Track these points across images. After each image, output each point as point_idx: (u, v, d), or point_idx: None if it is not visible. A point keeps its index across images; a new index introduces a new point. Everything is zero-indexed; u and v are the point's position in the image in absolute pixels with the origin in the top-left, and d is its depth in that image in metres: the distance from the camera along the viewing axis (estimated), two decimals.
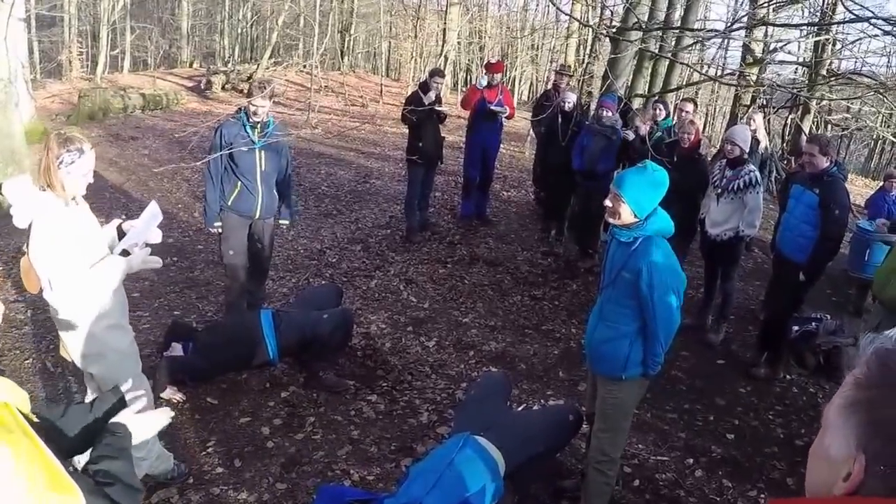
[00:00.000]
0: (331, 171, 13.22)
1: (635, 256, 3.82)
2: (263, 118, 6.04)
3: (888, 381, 1.09)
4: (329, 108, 21.78)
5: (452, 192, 12.13)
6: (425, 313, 7.35)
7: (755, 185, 6.76)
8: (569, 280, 8.59)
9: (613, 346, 4.03)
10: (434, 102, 9.11)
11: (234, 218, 6.20)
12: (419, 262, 8.71)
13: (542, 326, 7.33)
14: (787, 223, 6.42)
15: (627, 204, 3.77)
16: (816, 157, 6.00)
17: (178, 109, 19.55)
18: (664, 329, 3.87)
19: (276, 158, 6.29)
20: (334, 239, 9.33)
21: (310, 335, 5.65)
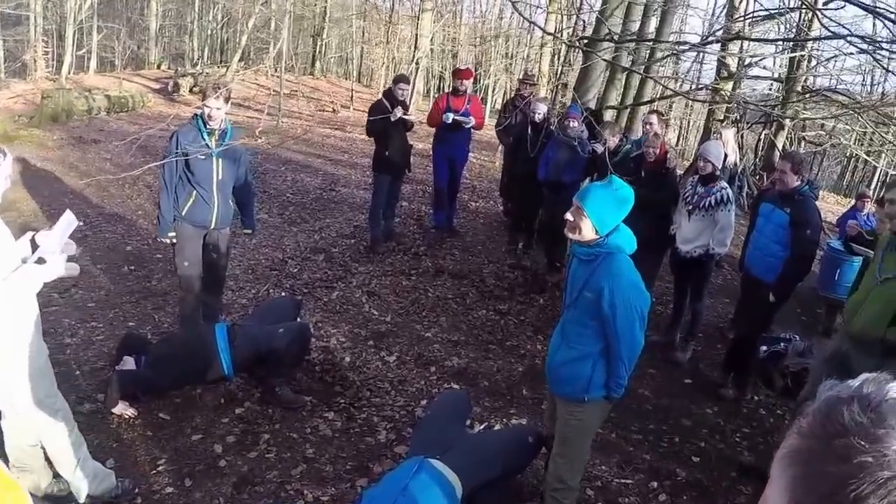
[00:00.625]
0: (297, 177, 13.09)
1: (597, 275, 3.73)
2: (220, 124, 5.88)
3: (830, 434, 1.02)
4: (299, 113, 21.70)
5: (420, 201, 12.04)
6: (387, 327, 7.21)
7: (727, 202, 6.71)
8: (536, 294, 8.48)
9: (575, 368, 3.91)
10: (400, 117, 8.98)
11: (189, 228, 6.02)
12: (382, 274, 8.57)
13: (507, 342, 7.21)
14: (757, 242, 6.36)
15: (590, 219, 3.66)
16: (788, 174, 5.92)
17: (144, 112, 19.33)
18: (627, 350, 3.77)
19: (233, 167, 6.11)
20: (297, 248, 9.17)
21: (265, 350, 5.52)
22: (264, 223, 9.78)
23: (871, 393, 1.05)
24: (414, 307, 7.79)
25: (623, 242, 3.77)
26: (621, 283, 3.67)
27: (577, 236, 3.75)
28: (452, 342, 7.05)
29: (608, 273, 3.69)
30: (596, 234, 3.71)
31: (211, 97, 5.78)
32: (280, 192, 11.90)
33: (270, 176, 12.71)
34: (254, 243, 8.95)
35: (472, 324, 7.57)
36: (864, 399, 1.04)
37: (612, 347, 3.79)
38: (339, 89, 28.08)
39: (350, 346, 6.70)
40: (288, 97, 22.61)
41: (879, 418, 1.00)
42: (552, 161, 8.63)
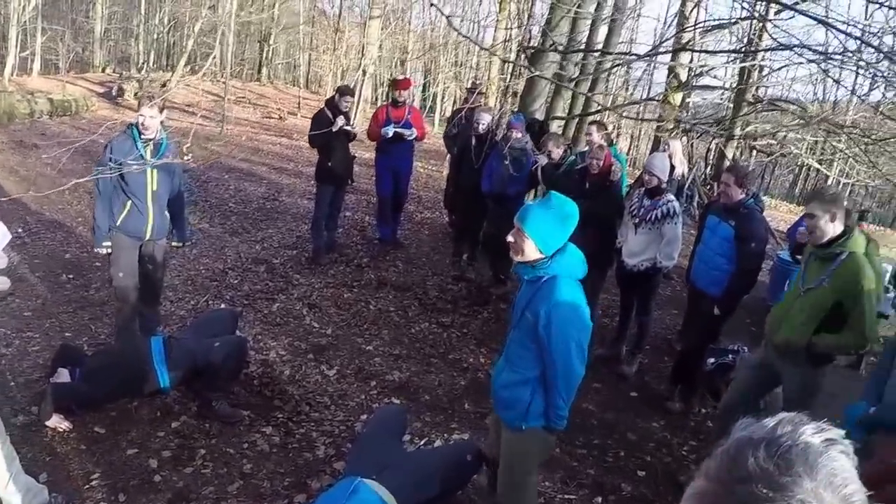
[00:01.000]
0: (240, 186, 12.97)
1: (538, 297, 3.60)
2: (155, 134, 5.82)
3: (734, 479, 1.01)
4: (245, 120, 21.55)
5: (364, 211, 11.98)
6: (328, 340, 7.15)
7: (674, 215, 6.71)
8: (479, 307, 8.45)
9: (515, 393, 3.81)
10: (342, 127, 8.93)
11: (124, 239, 5.95)
12: (324, 286, 8.49)
13: (449, 355, 7.18)
14: (702, 255, 6.39)
15: (531, 239, 3.55)
16: (732, 188, 5.94)
17: (88, 116, 19.08)
18: (563, 380, 3.64)
19: (168, 178, 6.05)
20: (238, 259, 9.06)
21: (202, 363, 5.44)
22: (205, 233, 9.68)
23: (782, 436, 1.03)
24: (355, 320, 7.72)
25: (570, 266, 3.65)
26: (560, 308, 3.53)
27: (521, 257, 3.64)
28: (394, 356, 7.00)
29: (548, 297, 3.55)
30: (540, 254, 3.60)
31: (145, 106, 5.73)
32: (222, 201, 11.78)
33: (213, 185, 12.59)
34: (194, 253, 8.85)
35: (415, 337, 7.53)
36: (773, 443, 1.02)
37: (547, 374, 3.68)
38: (286, 96, 27.96)
39: (290, 359, 6.63)
40: (234, 103, 22.45)
41: (787, 465, 0.99)
42: (496, 173, 8.61)
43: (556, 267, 3.60)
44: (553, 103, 11.65)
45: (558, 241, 3.61)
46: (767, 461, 1.00)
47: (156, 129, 5.81)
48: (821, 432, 1.06)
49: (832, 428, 1.08)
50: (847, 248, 4.62)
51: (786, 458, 1.00)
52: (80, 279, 7.89)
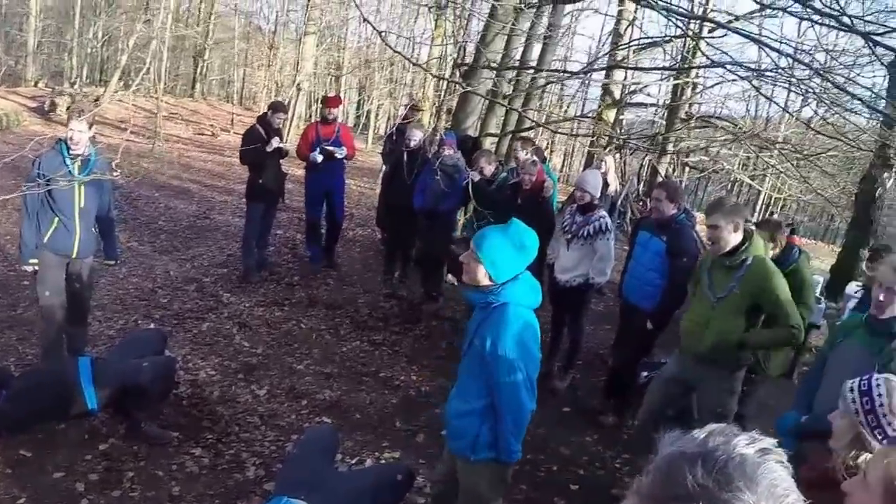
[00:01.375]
0: (171, 204, 12.84)
1: (486, 324, 3.51)
2: (84, 150, 5.78)
3: (671, 497, 1.00)
4: (178, 137, 21.33)
5: (295, 229, 11.94)
6: (258, 359, 7.12)
7: (606, 231, 6.79)
8: (411, 324, 8.48)
9: (464, 423, 3.69)
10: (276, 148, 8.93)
11: (51, 256, 5.88)
12: (255, 305, 8.45)
13: (381, 373, 7.19)
14: (634, 270, 6.49)
15: (483, 265, 3.45)
16: (663, 202, 6.08)
17: (18, 131, 18.66)
18: (510, 412, 3.54)
19: (97, 194, 6.00)
20: (168, 278, 8.98)
21: (130, 384, 5.37)
22: (135, 251, 9.58)
23: (716, 449, 1.03)
24: (286, 339, 7.71)
25: (522, 294, 3.55)
26: (508, 337, 3.42)
27: (470, 281, 3.55)
28: (325, 374, 6.99)
29: (497, 325, 3.45)
30: (490, 281, 3.49)
31: (74, 120, 5.69)
32: (153, 219, 11.66)
33: (143, 202, 12.46)
34: (123, 272, 8.74)
35: (346, 355, 7.53)
36: (709, 458, 1.01)
37: (495, 405, 3.57)
38: (219, 113, 27.72)
39: (219, 379, 6.59)
40: (167, 120, 22.20)
41: (726, 480, 0.98)
42: (428, 189, 8.66)
43: (506, 295, 3.51)
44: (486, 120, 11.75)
45: (511, 270, 3.50)
46: (706, 478, 0.99)
47: (84, 145, 5.77)
48: (754, 443, 1.06)
49: (764, 437, 1.08)
50: (750, 254, 4.81)
51: (724, 472, 0.99)
52: (7, 298, 7.77)
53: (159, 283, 8.78)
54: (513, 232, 3.52)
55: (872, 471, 2.05)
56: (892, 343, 3.82)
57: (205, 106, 28.91)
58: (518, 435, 3.61)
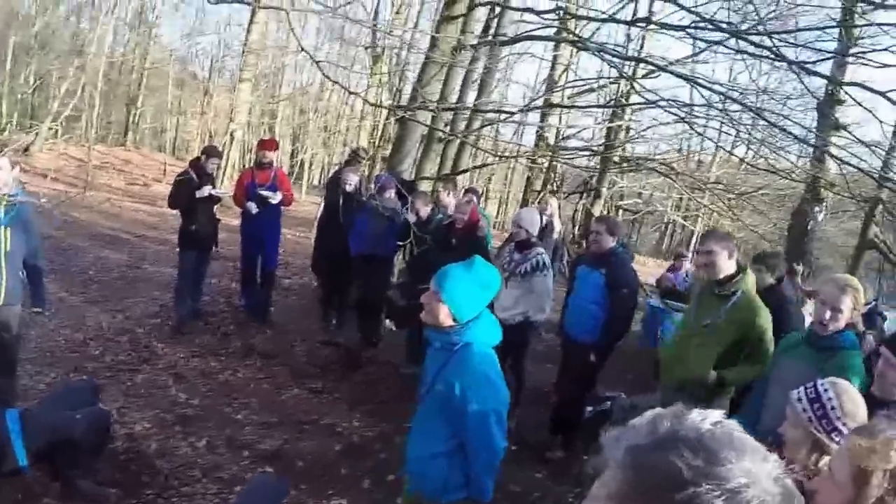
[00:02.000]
0: (101, 254, 12.61)
1: (450, 366, 3.44)
2: (8, 189, 5.64)
3: (666, 488, 0.94)
4: (109, 186, 21.11)
5: (229, 277, 11.80)
6: (195, 410, 6.96)
7: (543, 268, 6.85)
8: (350, 371, 8.41)
9: (430, 466, 3.60)
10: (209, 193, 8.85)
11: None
12: (190, 355, 8.29)
13: (322, 421, 7.09)
14: (574, 305, 6.59)
15: (446, 304, 3.39)
16: (603, 236, 6.24)
17: None
18: (484, 452, 3.45)
19: (22, 238, 5.83)
20: (99, 329, 8.76)
21: (62, 438, 5.20)
22: (65, 302, 9.36)
23: (681, 429, 1.00)
24: (223, 389, 7.57)
25: (484, 333, 3.51)
26: (476, 377, 3.39)
27: (432, 322, 3.48)
28: (265, 424, 6.86)
29: (462, 366, 3.41)
30: (453, 321, 3.44)
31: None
32: (83, 269, 11.43)
33: (73, 252, 12.20)
34: (53, 324, 8.52)
35: (285, 404, 7.43)
36: (683, 439, 0.98)
37: (467, 447, 3.48)
38: (152, 162, 27.50)
39: (156, 431, 6.41)
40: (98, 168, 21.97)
41: (713, 454, 0.95)
42: (365, 233, 8.66)
43: (469, 334, 3.46)
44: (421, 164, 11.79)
45: (475, 309, 3.47)
46: (695, 458, 0.95)
47: (8, 184, 5.63)
48: (705, 415, 1.03)
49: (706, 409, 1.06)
50: (740, 288, 4.91)
51: (706, 448, 0.96)
52: None
53: (91, 334, 8.56)
54: (476, 270, 3.48)
55: (838, 463, 2.10)
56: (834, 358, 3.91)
57: (137, 155, 28.64)
58: (492, 473, 3.53)
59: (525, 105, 15.35)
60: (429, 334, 3.62)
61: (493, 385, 3.44)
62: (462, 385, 3.37)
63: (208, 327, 9.28)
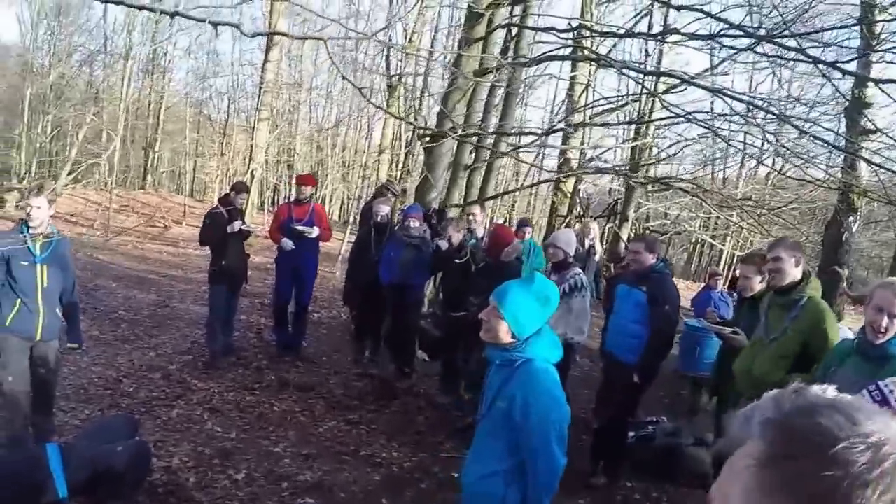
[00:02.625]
0: (129, 294, 12.65)
1: (512, 383, 3.41)
2: (44, 227, 5.69)
3: (818, 446, 0.96)
4: (130, 230, 21.23)
5: (258, 314, 11.82)
6: (232, 443, 6.90)
7: (581, 288, 6.82)
8: (386, 402, 8.33)
9: (487, 486, 3.49)
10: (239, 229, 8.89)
11: (13, 340, 5.69)
12: (224, 390, 8.24)
13: (361, 451, 7.02)
14: (615, 325, 6.51)
15: (506, 321, 3.36)
16: (642, 254, 6.20)
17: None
18: (544, 469, 3.36)
19: (59, 274, 5.89)
20: (132, 366, 8.74)
21: (103, 470, 5.18)
22: (96, 340, 9.35)
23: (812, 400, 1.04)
24: (260, 422, 7.50)
25: (545, 349, 3.46)
26: (537, 392, 3.34)
27: (492, 339, 3.45)
28: (303, 455, 6.80)
29: (524, 381, 3.37)
30: (513, 338, 3.40)
31: (32, 195, 5.63)
32: (112, 308, 11.44)
33: (102, 293, 12.25)
34: (85, 361, 8.51)
35: (323, 435, 7.35)
36: (822, 405, 1.02)
37: (527, 465, 3.40)
38: (171, 204, 27.63)
39: (194, 465, 6.35)
40: (118, 212, 22.13)
41: (850, 416, 0.99)
42: (395, 262, 8.66)
43: (530, 350, 3.42)
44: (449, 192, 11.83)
45: (534, 325, 3.43)
46: (838, 417, 0.98)
47: (44, 222, 5.68)
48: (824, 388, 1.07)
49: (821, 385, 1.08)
50: (806, 294, 4.87)
51: (843, 410, 0.99)
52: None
53: (123, 371, 8.54)
54: (536, 285, 3.45)
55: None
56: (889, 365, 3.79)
57: (156, 198, 28.80)
58: (550, 493, 3.44)
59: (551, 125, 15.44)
60: (489, 352, 3.57)
61: (555, 400, 3.39)
62: (523, 401, 3.33)
63: (241, 362, 9.24)
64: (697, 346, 8.44)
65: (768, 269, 5.23)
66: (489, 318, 3.43)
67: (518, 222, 10.24)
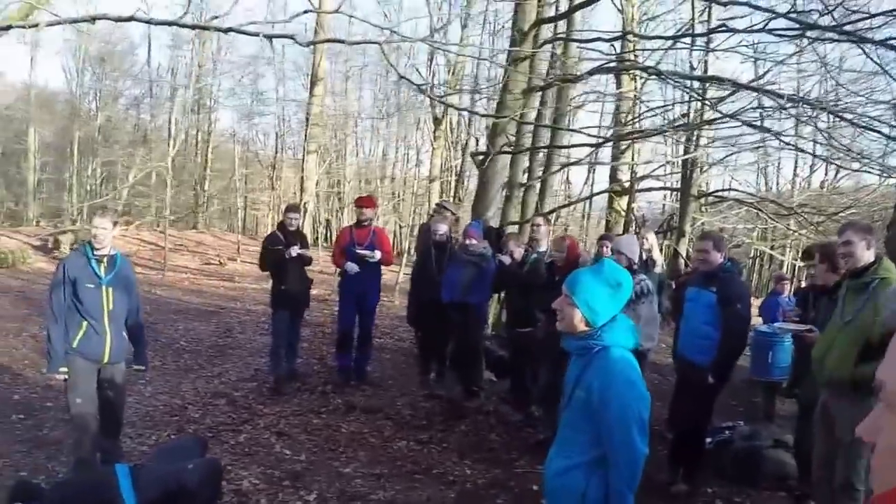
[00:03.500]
0: (189, 326, 12.78)
1: (589, 371, 3.36)
2: (108, 249, 5.71)
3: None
4: (185, 268, 21.50)
5: (320, 342, 11.82)
6: (302, 466, 6.82)
7: (647, 294, 6.75)
8: (455, 421, 8.22)
9: (567, 479, 3.41)
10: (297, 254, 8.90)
11: (81, 362, 5.71)
12: (291, 414, 8.19)
13: (433, 470, 6.90)
14: (687, 327, 6.41)
15: (579, 309, 3.33)
16: (710, 253, 6.09)
17: (26, 269, 18.96)
18: (625, 460, 3.27)
19: (124, 296, 5.90)
20: (196, 394, 8.75)
21: (175, 489, 5.11)
22: (159, 370, 9.37)
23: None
24: (328, 444, 7.41)
25: (621, 335, 3.41)
26: (615, 379, 3.27)
27: (565, 328, 3.43)
28: (375, 475, 6.69)
29: (601, 369, 3.32)
30: (587, 326, 3.37)
31: (97, 216, 5.65)
32: (173, 339, 11.54)
33: (162, 325, 12.37)
34: (149, 390, 8.55)
35: (394, 455, 7.24)
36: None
37: (607, 454, 3.31)
38: (224, 242, 27.94)
39: (265, 487, 6.27)
40: (172, 251, 22.37)
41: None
42: (456, 281, 8.58)
43: (606, 338, 3.37)
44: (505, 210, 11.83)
45: (608, 312, 3.38)
46: None
47: (109, 244, 5.69)
48: None
49: None
50: (879, 275, 4.79)
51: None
52: (32, 419, 7.54)
53: (188, 399, 8.55)
54: (606, 272, 3.39)
55: None
56: None
57: (209, 237, 29.17)
58: (633, 484, 3.32)
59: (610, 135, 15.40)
60: (565, 342, 3.52)
61: (634, 387, 3.31)
62: (601, 389, 3.26)
63: (306, 387, 9.20)
64: (769, 351, 8.23)
65: (840, 254, 5.16)
66: (562, 307, 3.41)
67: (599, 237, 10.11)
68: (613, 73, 14.63)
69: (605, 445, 3.31)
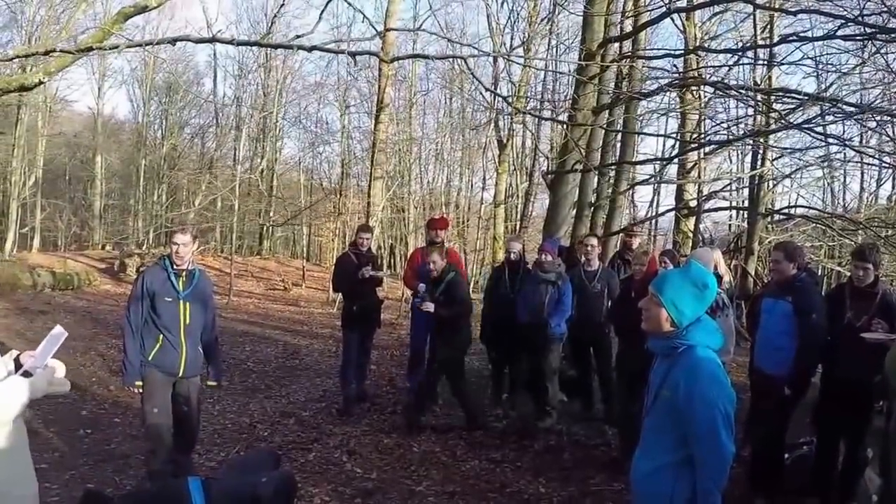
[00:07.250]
0: (256, 348, 13.00)
1: (674, 371, 3.43)
2: (187, 264, 5.81)
3: None
4: (250, 293, 21.76)
5: (389, 364, 11.88)
6: (374, 484, 6.83)
7: (724, 307, 6.70)
8: (528, 441, 8.15)
9: (654, 482, 3.47)
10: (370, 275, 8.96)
11: (157, 374, 5.81)
12: (360, 433, 8.21)
13: (507, 489, 6.85)
14: (763, 339, 6.37)
15: (665, 308, 3.42)
16: (782, 263, 6.08)
17: (91, 290, 19.47)
18: (712, 459, 3.29)
19: (201, 311, 6.00)
20: (265, 413, 8.87)
21: (249, 500, 5.15)
22: (227, 390, 9.47)
23: None
24: (400, 463, 7.43)
25: (706, 335, 3.48)
26: (701, 378, 3.33)
27: (651, 328, 3.52)
28: (448, 493, 6.68)
29: (686, 368, 3.38)
30: (672, 326, 3.45)
31: (178, 232, 5.75)
32: (240, 361, 11.74)
33: (228, 347, 12.51)
34: (217, 409, 8.68)
35: (466, 474, 7.21)
36: None
37: (695, 455, 3.34)
38: (288, 268, 28.19)
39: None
40: (237, 277, 22.66)
41: None
42: (530, 302, 8.55)
43: (691, 338, 3.44)
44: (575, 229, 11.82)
45: (694, 312, 3.45)
46: None
47: (188, 259, 5.79)
48: None
49: None
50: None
51: None
52: (99, 434, 7.72)
53: (257, 417, 8.66)
54: (694, 273, 3.48)
55: None
56: None
57: (273, 263, 29.46)
58: (720, 483, 3.32)
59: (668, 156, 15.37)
60: (650, 342, 3.58)
61: (719, 384, 3.36)
62: (686, 388, 3.33)
63: (375, 407, 9.27)
64: None
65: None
66: (649, 306, 3.48)
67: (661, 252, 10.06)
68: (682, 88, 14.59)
69: (691, 445, 3.33)
